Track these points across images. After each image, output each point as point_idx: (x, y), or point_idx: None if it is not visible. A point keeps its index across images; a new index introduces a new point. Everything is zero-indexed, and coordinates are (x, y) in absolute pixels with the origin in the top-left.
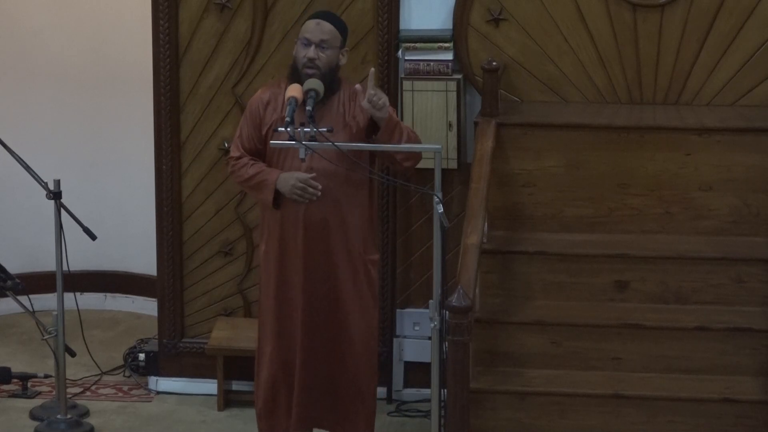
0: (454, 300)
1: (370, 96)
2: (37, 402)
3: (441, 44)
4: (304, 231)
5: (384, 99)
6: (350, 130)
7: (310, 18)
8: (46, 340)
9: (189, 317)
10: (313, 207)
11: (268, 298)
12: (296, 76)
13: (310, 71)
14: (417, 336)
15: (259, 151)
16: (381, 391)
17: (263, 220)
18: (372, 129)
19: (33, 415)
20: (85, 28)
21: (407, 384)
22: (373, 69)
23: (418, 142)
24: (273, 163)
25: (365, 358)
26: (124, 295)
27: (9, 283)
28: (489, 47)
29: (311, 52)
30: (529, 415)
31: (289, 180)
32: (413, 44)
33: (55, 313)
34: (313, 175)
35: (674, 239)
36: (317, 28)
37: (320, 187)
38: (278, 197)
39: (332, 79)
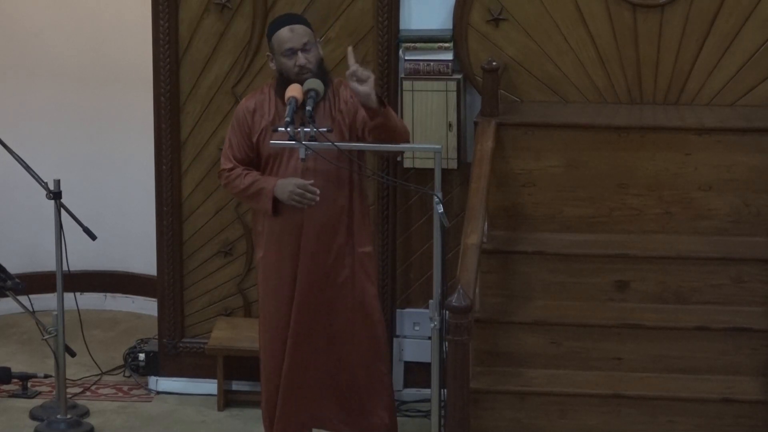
0: (454, 300)
1: (353, 71)
2: (37, 402)
3: (441, 44)
4: (305, 233)
5: (368, 72)
6: (338, 125)
7: (275, 29)
8: (46, 340)
9: (189, 317)
10: (311, 209)
11: (267, 304)
12: (282, 86)
13: (306, 77)
14: (417, 336)
15: (251, 160)
16: None
17: (258, 227)
18: (363, 125)
19: (33, 415)
20: (85, 28)
21: (407, 384)
22: (351, 47)
23: (407, 133)
24: (268, 167)
25: (371, 353)
26: (124, 295)
27: (9, 283)
28: (489, 47)
29: (300, 59)
30: (529, 415)
31: (287, 186)
32: (413, 44)
33: (55, 313)
34: (312, 181)
35: (674, 239)
36: (294, 35)
37: (318, 192)
38: (276, 204)
39: (325, 73)
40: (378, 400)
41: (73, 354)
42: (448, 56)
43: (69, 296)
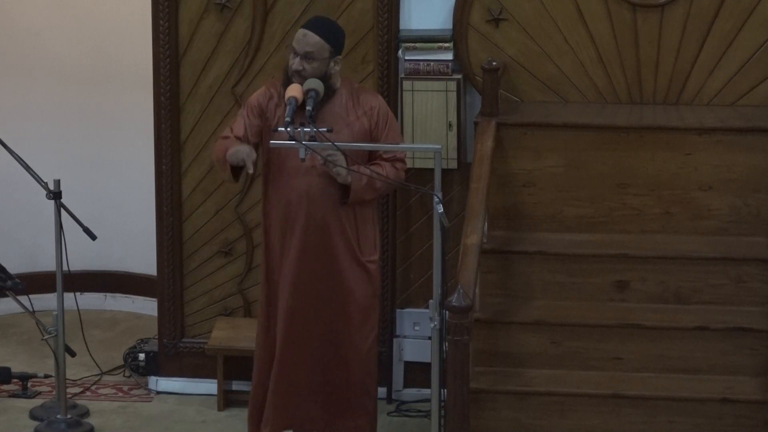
0: (454, 300)
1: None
2: (37, 402)
3: (441, 44)
4: (305, 229)
5: (335, 156)
6: (351, 131)
7: (302, 25)
8: (46, 340)
9: (189, 317)
10: (313, 206)
11: (264, 298)
12: (288, 82)
13: (296, 81)
14: (417, 336)
15: (253, 145)
16: (381, 391)
17: (264, 220)
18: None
19: (33, 415)
20: (85, 28)
21: (407, 384)
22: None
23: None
24: (273, 163)
25: (365, 359)
26: (124, 295)
27: (9, 283)
28: (489, 47)
29: (296, 63)
30: (529, 415)
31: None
32: (413, 44)
33: (55, 313)
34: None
35: (674, 239)
36: (303, 40)
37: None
38: (236, 171)
39: (324, 86)
40: (366, 408)
41: (73, 354)
42: (448, 56)
43: (69, 296)
